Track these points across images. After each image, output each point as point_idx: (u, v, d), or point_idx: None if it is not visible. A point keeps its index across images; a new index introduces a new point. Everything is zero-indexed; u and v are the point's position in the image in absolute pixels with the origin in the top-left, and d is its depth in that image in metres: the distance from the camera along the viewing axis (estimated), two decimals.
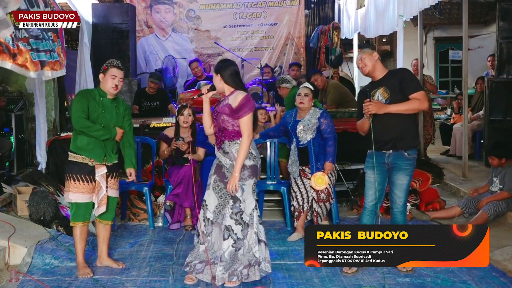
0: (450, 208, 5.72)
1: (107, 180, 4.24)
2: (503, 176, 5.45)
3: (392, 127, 4.02)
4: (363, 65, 4.14)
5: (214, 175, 3.97)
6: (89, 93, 4.24)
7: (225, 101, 3.93)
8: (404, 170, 4.08)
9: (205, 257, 3.90)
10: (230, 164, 3.89)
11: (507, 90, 7.45)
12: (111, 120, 4.25)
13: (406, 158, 4.06)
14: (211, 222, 3.93)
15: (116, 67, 4.24)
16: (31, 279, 4.06)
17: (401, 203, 4.15)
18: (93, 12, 8.27)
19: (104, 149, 4.20)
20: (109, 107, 4.24)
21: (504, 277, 4.07)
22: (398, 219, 4.17)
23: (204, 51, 10.23)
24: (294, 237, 5.03)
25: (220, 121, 3.89)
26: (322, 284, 3.99)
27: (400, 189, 4.11)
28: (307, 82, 5.42)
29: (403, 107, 3.99)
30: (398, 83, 4.01)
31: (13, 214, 5.52)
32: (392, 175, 4.13)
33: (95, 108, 4.18)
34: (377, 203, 4.15)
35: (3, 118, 7.23)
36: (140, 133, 6.29)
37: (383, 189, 4.19)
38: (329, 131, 5.12)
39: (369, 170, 4.16)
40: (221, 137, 3.93)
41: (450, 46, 12.99)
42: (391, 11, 7.18)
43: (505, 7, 7.37)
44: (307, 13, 10.38)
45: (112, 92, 4.22)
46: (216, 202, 3.92)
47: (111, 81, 4.19)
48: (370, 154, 4.16)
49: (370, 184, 4.16)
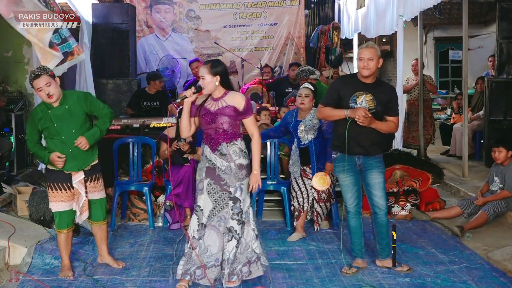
0: (450, 208, 5.72)
1: (86, 185, 4.13)
2: (503, 175, 5.44)
3: (371, 133, 4.00)
4: (367, 67, 3.97)
5: (206, 179, 3.86)
6: (37, 113, 4.04)
7: (221, 102, 3.85)
8: (377, 168, 4.09)
9: (199, 262, 3.84)
10: (226, 166, 3.83)
11: (507, 90, 7.45)
12: (71, 125, 4.04)
13: (375, 157, 4.09)
14: (204, 226, 3.86)
15: (35, 78, 3.92)
16: (31, 279, 4.06)
17: (384, 204, 4.13)
18: (93, 12, 8.27)
19: (74, 157, 4.05)
20: (61, 115, 4.02)
21: (504, 277, 4.07)
22: (383, 222, 4.15)
23: (204, 51, 10.23)
24: (294, 237, 5.03)
25: (219, 123, 3.83)
26: (322, 284, 3.99)
27: (378, 188, 4.09)
28: (307, 82, 5.41)
29: (383, 127, 4.04)
30: (386, 99, 4.03)
31: (13, 214, 5.52)
32: (366, 176, 4.11)
33: (49, 124, 4.01)
34: (359, 203, 4.17)
35: (3, 118, 7.22)
36: (140, 133, 6.29)
37: (359, 189, 4.17)
38: (330, 132, 5.11)
39: (341, 174, 4.13)
40: (217, 139, 3.85)
41: (450, 46, 12.98)
42: (391, 11, 7.18)
43: (505, 7, 7.37)
44: (307, 13, 10.39)
45: (49, 101, 3.97)
46: (211, 206, 3.85)
47: (41, 93, 3.95)
48: (340, 158, 4.12)
49: (346, 187, 4.14)
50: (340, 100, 4.07)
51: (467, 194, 6.05)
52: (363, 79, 4.05)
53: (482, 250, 4.71)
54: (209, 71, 3.81)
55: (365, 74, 4.01)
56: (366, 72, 3.99)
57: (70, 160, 4.04)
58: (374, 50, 3.99)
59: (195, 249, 3.81)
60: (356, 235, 4.21)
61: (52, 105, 4.03)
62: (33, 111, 4.17)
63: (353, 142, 4.02)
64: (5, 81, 7.86)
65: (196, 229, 3.85)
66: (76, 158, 4.07)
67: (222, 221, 3.86)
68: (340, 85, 4.15)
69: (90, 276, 4.15)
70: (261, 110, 6.42)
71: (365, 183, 4.16)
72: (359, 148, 4.04)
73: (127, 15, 8.38)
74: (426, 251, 4.66)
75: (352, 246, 4.26)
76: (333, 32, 8.52)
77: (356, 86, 4.05)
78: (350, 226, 4.21)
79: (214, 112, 3.85)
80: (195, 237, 3.84)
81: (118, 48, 8.24)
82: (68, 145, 4.04)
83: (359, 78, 4.07)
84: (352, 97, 4.02)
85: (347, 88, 4.07)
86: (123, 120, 6.54)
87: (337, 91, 4.09)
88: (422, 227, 5.37)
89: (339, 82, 4.34)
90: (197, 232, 3.84)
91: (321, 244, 4.89)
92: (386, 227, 4.18)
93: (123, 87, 8.15)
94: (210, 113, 3.86)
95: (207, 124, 3.87)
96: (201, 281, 3.86)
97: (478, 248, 4.75)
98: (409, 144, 8.09)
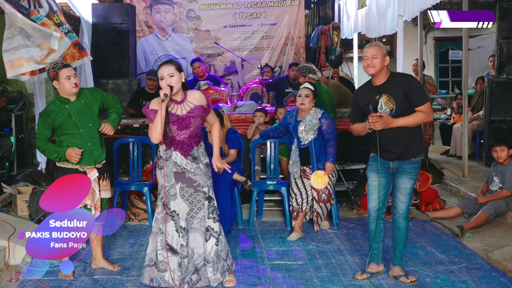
0: (450, 208, 5.72)
1: (99, 183, 4.18)
2: (503, 175, 5.44)
3: (399, 137, 3.82)
4: (371, 65, 3.79)
5: (178, 184, 3.80)
6: (52, 110, 4.06)
7: (187, 104, 3.75)
8: (409, 173, 3.91)
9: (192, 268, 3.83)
10: (195, 167, 3.81)
11: (507, 90, 7.45)
12: (88, 119, 4.11)
13: (412, 162, 3.91)
14: (186, 230, 3.83)
15: (65, 66, 4.05)
16: (31, 279, 4.06)
17: (404, 208, 3.96)
18: (93, 12, 8.26)
19: (90, 152, 4.11)
20: (78, 109, 4.09)
21: (504, 277, 4.06)
22: (400, 224, 3.98)
23: (204, 51, 10.22)
24: (293, 237, 5.03)
25: (192, 126, 3.76)
26: (322, 284, 3.98)
27: (404, 194, 3.94)
28: (307, 82, 5.40)
29: (410, 121, 3.80)
30: (403, 93, 3.77)
31: (13, 214, 5.52)
32: (396, 179, 3.95)
33: (66, 119, 4.04)
34: (382, 208, 4.00)
35: (3, 118, 7.22)
36: (140, 133, 6.29)
37: (387, 193, 4.00)
38: (330, 132, 5.12)
39: (373, 173, 3.97)
40: (191, 143, 3.79)
41: (450, 46, 12.98)
42: (392, 11, 7.18)
43: (505, 7, 7.37)
44: (307, 13, 10.37)
45: (74, 92, 4.05)
46: (187, 208, 3.82)
47: (68, 82, 4.01)
48: (374, 157, 3.98)
49: (373, 188, 3.98)
50: (363, 112, 3.92)
51: (467, 194, 6.05)
52: (374, 82, 3.87)
53: (482, 250, 4.71)
54: (176, 68, 3.71)
55: (370, 72, 3.82)
56: (371, 70, 3.80)
57: (87, 154, 4.09)
58: (378, 47, 3.82)
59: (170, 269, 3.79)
60: (376, 239, 4.02)
61: (69, 100, 4.08)
62: (47, 108, 4.17)
63: (387, 148, 3.85)
64: (5, 81, 7.86)
65: (175, 235, 3.81)
66: (93, 152, 4.12)
67: (203, 221, 3.85)
68: (358, 98, 4.00)
69: (90, 276, 4.15)
70: (255, 112, 6.38)
71: (393, 185, 3.99)
72: (392, 155, 3.87)
73: (127, 15, 8.38)
74: (426, 251, 4.66)
75: (372, 251, 4.07)
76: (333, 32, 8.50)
77: (370, 93, 3.88)
78: (369, 230, 4.05)
79: (185, 116, 3.75)
80: (183, 244, 3.80)
81: (118, 48, 8.23)
82: (86, 139, 4.10)
83: (372, 83, 3.89)
84: (369, 105, 3.84)
85: (363, 98, 3.92)
86: (123, 120, 6.53)
87: (357, 105, 3.95)
88: (422, 227, 5.37)
89: (356, 95, 4.13)
90: (182, 239, 3.80)
91: (321, 244, 4.89)
92: (403, 232, 3.98)
93: (123, 87, 8.14)
94: (181, 118, 3.75)
95: (180, 130, 3.75)
96: (198, 284, 3.86)
97: (478, 248, 4.75)
98: None
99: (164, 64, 3.76)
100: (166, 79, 3.69)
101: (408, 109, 3.80)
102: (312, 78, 5.89)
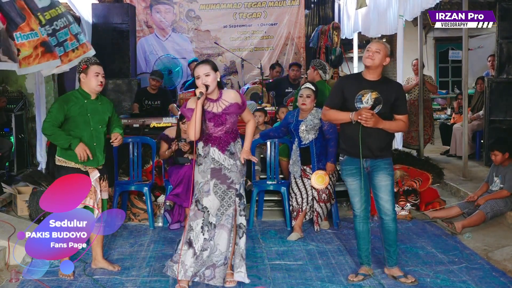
0: (450, 208, 5.71)
1: (100, 184, 4.19)
2: (504, 176, 5.44)
3: (378, 136, 3.84)
4: (371, 58, 3.79)
5: (212, 180, 3.83)
6: (71, 98, 4.09)
7: (222, 103, 3.82)
8: (385, 169, 3.90)
9: (209, 262, 3.85)
10: (232, 164, 3.86)
11: (507, 90, 7.44)
12: (99, 121, 4.15)
13: (384, 159, 3.93)
14: (213, 225, 3.86)
15: (96, 63, 4.10)
16: (31, 279, 4.06)
17: (391, 209, 3.93)
18: (93, 12, 8.27)
19: (95, 153, 4.11)
20: (95, 108, 4.13)
21: (504, 277, 4.07)
22: (390, 227, 3.94)
23: (204, 51, 10.23)
24: (293, 237, 5.03)
25: (228, 123, 3.82)
26: (322, 284, 3.98)
27: (386, 191, 3.91)
28: (309, 83, 5.41)
29: (392, 127, 3.89)
30: (393, 97, 3.83)
31: (13, 214, 5.52)
32: (374, 178, 3.93)
33: (81, 113, 4.06)
34: (367, 207, 4.00)
35: (3, 118, 7.22)
36: (140, 133, 6.29)
37: (368, 192, 3.99)
38: (331, 132, 5.13)
39: (349, 177, 3.97)
40: (227, 139, 3.85)
41: (450, 46, 12.99)
42: (392, 11, 7.18)
43: (505, 7, 7.37)
44: (307, 13, 10.39)
45: (98, 90, 4.11)
46: (218, 204, 3.85)
47: (95, 78, 4.06)
48: (347, 161, 3.96)
49: (353, 191, 3.98)
50: (345, 100, 3.87)
51: (467, 194, 6.04)
52: (367, 76, 3.87)
53: (482, 250, 4.71)
54: (212, 67, 3.79)
55: (368, 63, 3.81)
56: (368, 61, 3.80)
57: (92, 154, 4.07)
58: (383, 45, 3.85)
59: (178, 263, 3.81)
60: (364, 240, 4.02)
61: (90, 96, 4.11)
62: (67, 94, 4.20)
63: (362, 146, 3.82)
64: (5, 81, 7.87)
65: (200, 231, 3.83)
66: (97, 153, 4.13)
67: (230, 218, 3.88)
68: (344, 84, 3.95)
69: (90, 276, 4.15)
70: (254, 112, 6.37)
71: (372, 186, 3.97)
72: (366, 151, 3.84)
73: (127, 15, 8.39)
74: (426, 251, 4.66)
75: (359, 252, 4.08)
76: (333, 32, 8.52)
77: (361, 85, 3.85)
78: (357, 231, 4.03)
79: (221, 113, 3.82)
80: (206, 238, 3.83)
81: (118, 48, 8.25)
82: (94, 138, 4.12)
83: (364, 76, 3.89)
84: (357, 95, 3.84)
85: (351, 87, 3.87)
86: (123, 120, 6.53)
87: (342, 91, 3.89)
88: (422, 227, 5.37)
89: (343, 81, 4.10)
90: (207, 233, 3.83)
91: (321, 244, 4.89)
92: (394, 234, 3.96)
93: (123, 87, 8.15)
94: (217, 115, 3.81)
95: (216, 127, 3.82)
96: (211, 282, 3.85)
97: (478, 248, 4.75)
98: (409, 144, 8.09)
99: (201, 63, 3.83)
100: (202, 78, 3.75)
101: (388, 113, 3.87)
102: (320, 74, 5.89)
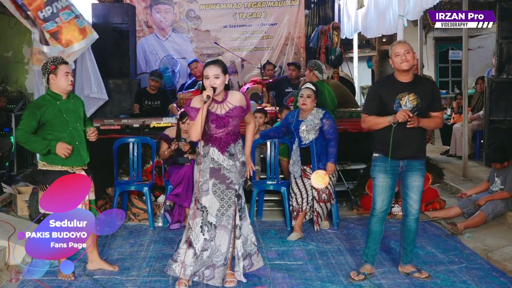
0: (450, 208, 5.72)
1: None
2: (505, 177, 5.44)
3: (413, 137, 3.84)
4: (405, 59, 3.78)
5: (211, 180, 3.84)
6: (42, 103, 4.01)
7: (226, 105, 3.81)
8: (420, 170, 3.93)
9: (209, 262, 3.84)
10: (232, 165, 3.86)
11: (507, 90, 7.45)
12: (76, 119, 4.10)
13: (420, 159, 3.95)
14: (214, 226, 3.85)
15: (64, 63, 4.05)
16: (31, 279, 4.06)
17: (417, 208, 3.96)
18: (93, 12, 8.26)
19: (78, 151, 4.08)
20: (68, 108, 4.07)
21: (504, 277, 4.07)
22: (412, 226, 3.98)
23: (204, 51, 10.22)
24: (293, 237, 5.03)
25: (230, 125, 3.82)
26: (322, 284, 3.98)
27: (417, 192, 3.92)
28: (309, 83, 5.41)
29: (430, 124, 3.92)
30: (429, 96, 3.84)
31: (13, 214, 5.53)
32: (407, 178, 3.93)
33: (56, 115, 4.00)
34: (387, 210, 3.98)
35: (3, 118, 7.23)
36: (140, 133, 6.29)
37: (392, 195, 3.98)
38: (331, 132, 5.13)
39: (381, 173, 3.91)
40: (228, 140, 3.84)
41: (450, 46, 12.98)
42: (392, 11, 7.18)
43: (505, 7, 7.38)
44: (307, 13, 10.38)
45: (69, 89, 4.05)
46: (218, 205, 3.85)
47: (65, 78, 4.00)
48: (381, 158, 3.92)
49: (381, 188, 3.92)
50: (384, 105, 3.85)
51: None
52: (401, 79, 3.86)
53: (482, 250, 4.72)
54: (222, 70, 3.76)
55: (405, 67, 3.79)
56: (405, 65, 3.78)
57: (75, 154, 4.05)
58: (408, 44, 3.86)
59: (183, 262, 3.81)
60: (374, 240, 4.01)
61: (61, 97, 4.05)
62: (37, 100, 4.14)
63: (399, 147, 3.82)
64: (5, 81, 7.87)
65: (200, 230, 3.83)
66: (80, 152, 4.10)
67: (231, 219, 3.88)
68: (381, 89, 3.92)
69: (90, 276, 4.15)
70: (254, 112, 6.36)
71: (403, 185, 3.97)
72: (405, 152, 3.85)
73: (127, 15, 8.38)
74: (426, 251, 4.66)
75: (366, 251, 4.06)
76: (333, 32, 8.52)
77: (397, 88, 3.85)
78: (370, 230, 4.00)
79: (223, 116, 3.81)
80: (206, 238, 3.83)
81: (118, 48, 8.23)
82: (75, 138, 4.07)
83: (397, 78, 3.88)
84: (395, 99, 3.81)
85: (388, 91, 3.86)
86: (123, 120, 6.54)
87: (379, 97, 3.87)
88: (422, 227, 5.36)
89: (377, 87, 4.06)
90: (208, 233, 3.83)
91: (321, 244, 4.89)
92: (414, 233, 4.01)
93: (123, 87, 8.14)
94: (220, 117, 3.81)
95: (218, 128, 3.81)
96: (210, 282, 3.85)
97: (478, 248, 4.75)
98: None
99: (212, 63, 3.78)
100: (211, 79, 3.72)
101: (426, 112, 3.86)
102: (316, 75, 5.89)
